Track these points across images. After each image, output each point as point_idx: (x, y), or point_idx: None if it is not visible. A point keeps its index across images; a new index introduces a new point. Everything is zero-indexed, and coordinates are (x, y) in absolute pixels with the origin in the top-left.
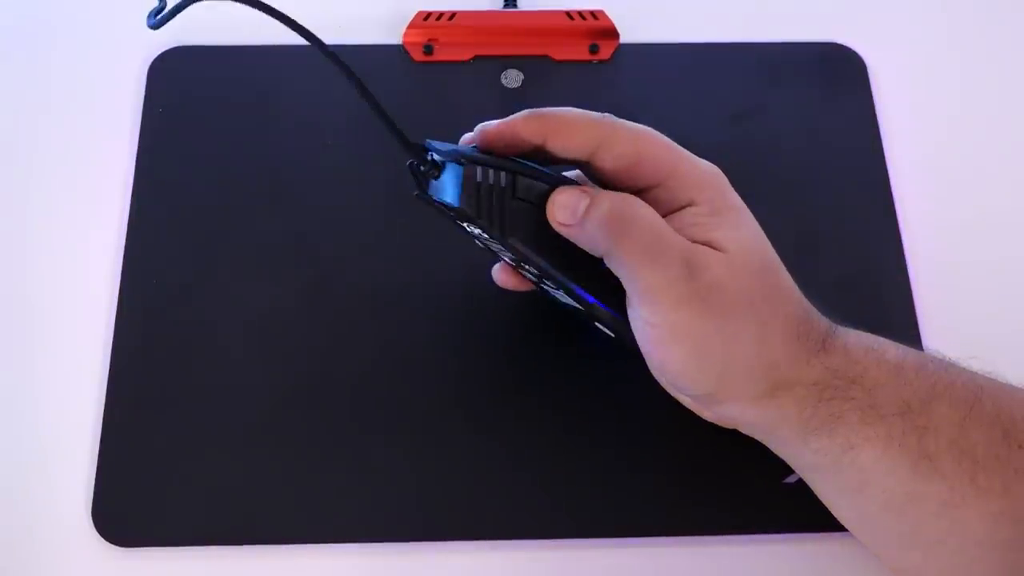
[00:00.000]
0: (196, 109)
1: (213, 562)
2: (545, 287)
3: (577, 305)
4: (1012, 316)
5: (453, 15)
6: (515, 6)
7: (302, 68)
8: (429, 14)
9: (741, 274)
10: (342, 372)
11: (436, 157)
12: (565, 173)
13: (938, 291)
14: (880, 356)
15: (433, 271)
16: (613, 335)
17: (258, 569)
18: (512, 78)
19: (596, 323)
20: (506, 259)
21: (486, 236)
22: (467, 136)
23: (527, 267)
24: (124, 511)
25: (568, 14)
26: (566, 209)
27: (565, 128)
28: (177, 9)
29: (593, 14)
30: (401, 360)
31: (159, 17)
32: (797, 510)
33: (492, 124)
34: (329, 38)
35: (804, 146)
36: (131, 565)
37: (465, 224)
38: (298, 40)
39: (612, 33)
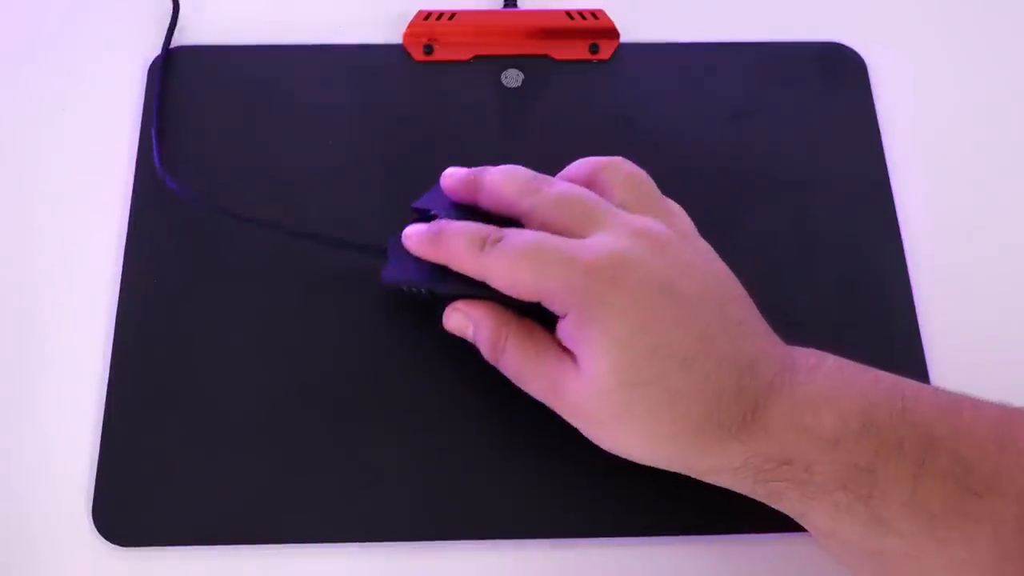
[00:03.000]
0: (196, 109)
1: (213, 562)
2: None
3: None
4: (1013, 316)
5: (453, 15)
6: (515, 6)
7: (302, 68)
8: (429, 14)
9: (599, 396)
10: (343, 372)
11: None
12: None
13: (938, 291)
14: (814, 431)
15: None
16: None
17: (258, 569)
18: (512, 78)
19: None
20: None
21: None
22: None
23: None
24: (124, 511)
25: (568, 14)
26: (456, 330)
27: (488, 201)
28: None
29: (593, 14)
30: (402, 359)
31: None
32: None
33: (453, 178)
34: (329, 38)
35: (804, 146)
36: (131, 565)
37: None
38: (298, 40)
39: (612, 33)
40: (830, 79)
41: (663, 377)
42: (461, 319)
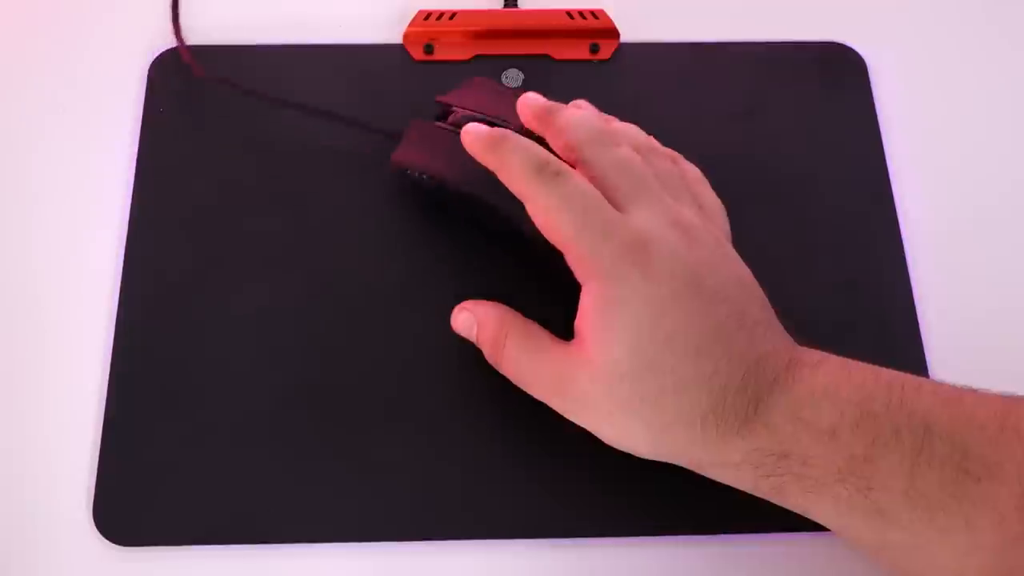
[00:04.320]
0: (196, 109)
1: (213, 562)
2: None
3: None
4: (1013, 316)
5: (454, 14)
6: (515, 5)
7: (302, 68)
8: (429, 13)
9: (610, 381)
10: (343, 371)
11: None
12: None
13: (939, 291)
14: (812, 423)
15: (433, 269)
16: None
17: (258, 569)
18: (512, 77)
19: None
20: None
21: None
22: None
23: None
24: (124, 510)
25: (568, 13)
26: (463, 330)
27: (553, 138)
28: None
29: (593, 13)
30: (402, 359)
31: None
32: None
33: (528, 107)
34: (329, 37)
35: (804, 146)
36: (131, 565)
37: None
38: (297, 40)
39: (612, 33)
40: (830, 79)
41: (675, 365)
42: (468, 319)
